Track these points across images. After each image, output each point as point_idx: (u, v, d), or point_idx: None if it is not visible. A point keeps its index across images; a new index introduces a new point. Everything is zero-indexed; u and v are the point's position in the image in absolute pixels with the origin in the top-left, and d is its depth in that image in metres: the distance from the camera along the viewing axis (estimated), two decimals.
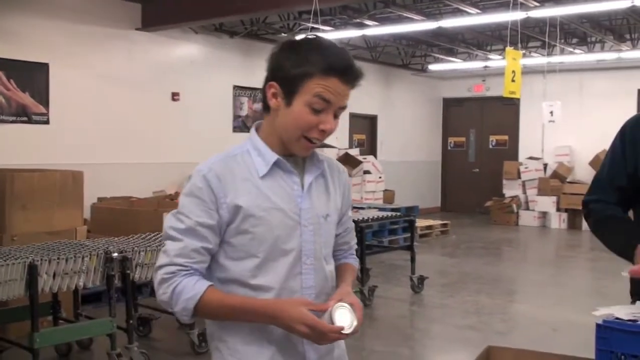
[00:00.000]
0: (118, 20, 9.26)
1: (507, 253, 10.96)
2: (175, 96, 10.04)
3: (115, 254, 4.46)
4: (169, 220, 1.70)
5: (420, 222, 11.20)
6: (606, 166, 2.33)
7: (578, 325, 6.02)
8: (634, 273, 0.93)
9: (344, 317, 1.61)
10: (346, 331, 1.60)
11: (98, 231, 6.63)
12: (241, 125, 11.26)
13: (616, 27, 11.34)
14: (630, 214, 2.33)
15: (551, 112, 9.92)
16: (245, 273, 1.69)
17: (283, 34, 10.91)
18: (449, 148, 16.17)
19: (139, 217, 6.82)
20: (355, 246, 2.04)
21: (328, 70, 1.62)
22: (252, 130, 1.80)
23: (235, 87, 11.12)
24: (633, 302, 2.22)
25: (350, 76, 1.66)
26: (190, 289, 1.63)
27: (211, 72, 10.64)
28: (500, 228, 13.18)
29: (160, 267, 1.68)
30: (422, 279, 7.23)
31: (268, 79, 1.72)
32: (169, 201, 8.06)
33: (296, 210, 1.72)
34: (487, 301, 7.05)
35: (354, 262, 1.99)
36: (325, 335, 1.58)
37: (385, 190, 12.62)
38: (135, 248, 4.63)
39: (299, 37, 1.75)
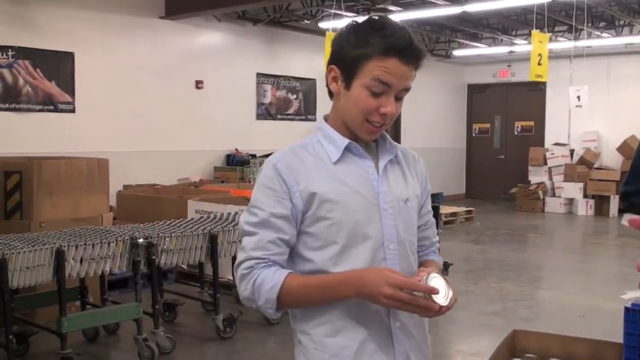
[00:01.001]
0: (142, 8, 9.30)
1: (533, 240, 10.85)
2: (199, 84, 10.07)
3: (141, 240, 4.49)
4: (244, 216, 1.66)
5: (445, 209, 11.14)
6: None
7: (605, 311, 5.97)
8: (632, 222, 0.91)
9: (440, 287, 1.47)
10: (441, 301, 1.46)
11: (124, 218, 6.71)
12: (265, 112, 11.27)
13: None
14: None
15: (578, 97, 9.78)
16: (327, 262, 1.62)
17: (306, 21, 10.88)
18: (474, 134, 16.03)
19: (163, 204, 6.89)
20: (438, 243, 1.95)
21: (387, 50, 1.56)
22: (322, 119, 1.76)
23: (259, 75, 11.12)
24: None
25: (410, 56, 1.59)
26: (270, 279, 1.57)
27: (234, 60, 10.65)
28: (525, 215, 13.07)
29: (239, 263, 1.63)
30: (446, 266, 7.18)
31: (329, 62, 1.67)
32: (194, 188, 8.12)
33: (374, 193, 1.65)
34: (512, 288, 6.99)
35: (437, 259, 1.90)
36: (416, 299, 1.47)
37: None
38: (161, 234, 4.66)
39: (362, 18, 1.69)
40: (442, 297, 1.46)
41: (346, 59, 1.60)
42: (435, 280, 1.48)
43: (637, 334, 1.84)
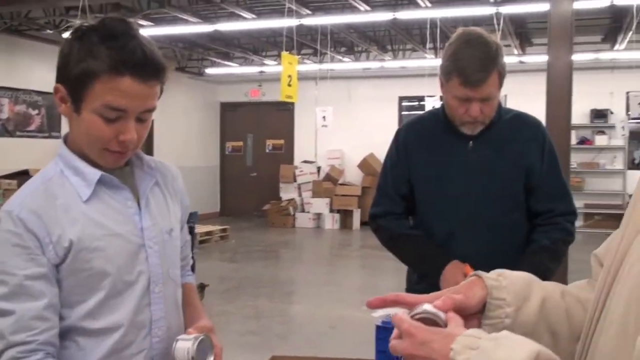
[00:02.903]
0: None
1: (285, 255, 11.22)
2: None
3: None
4: None
5: (200, 228, 11.05)
6: (389, 175, 2.40)
7: (353, 321, 6.31)
8: (371, 305, 0.95)
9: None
10: None
11: None
12: (1, 129, 10.28)
13: (379, 38, 12.13)
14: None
15: (324, 117, 10.35)
16: (84, 318, 1.39)
17: (48, 31, 10.16)
18: (227, 152, 16.20)
19: None
20: (192, 260, 1.82)
21: (116, 67, 1.30)
22: (61, 143, 1.48)
23: None
24: None
25: (146, 72, 1.34)
26: None
27: None
28: (278, 231, 13.47)
29: None
30: (202, 287, 7.09)
31: (56, 79, 1.40)
32: None
33: (136, 231, 1.45)
34: (266, 305, 7.12)
35: (192, 280, 1.78)
36: None
37: None
38: None
39: (94, 21, 1.39)
40: None
41: (70, 76, 1.35)
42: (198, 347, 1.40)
43: (387, 351, 1.91)
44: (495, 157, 2.27)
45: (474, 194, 2.24)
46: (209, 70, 13.94)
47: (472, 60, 2.10)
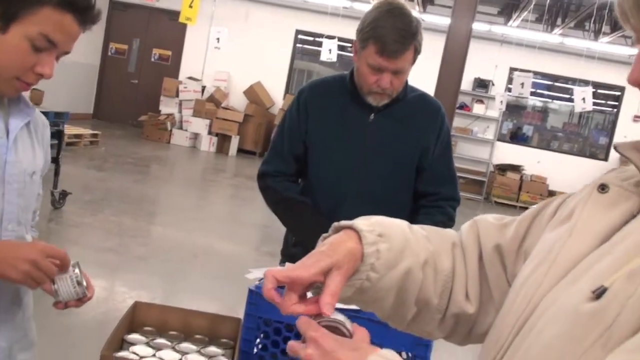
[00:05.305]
0: None
1: (156, 172, 10.94)
2: None
3: None
4: None
5: (69, 129, 10.50)
6: (285, 134, 2.34)
7: (216, 252, 6.30)
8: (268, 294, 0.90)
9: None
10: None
11: None
12: None
13: None
14: None
15: (218, 39, 9.99)
16: None
17: None
18: (110, 54, 15.36)
19: None
20: (37, 217, 1.73)
21: (66, 3, 1.31)
22: None
23: None
24: (282, 262, 2.31)
25: (86, 19, 1.38)
26: None
27: None
28: (152, 144, 13.07)
29: None
30: (64, 195, 6.78)
31: None
32: None
33: (0, 162, 1.39)
34: (130, 222, 6.92)
35: (36, 236, 1.68)
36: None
37: (33, 89, 11.49)
38: None
39: None
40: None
41: None
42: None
43: (257, 315, 1.89)
44: (393, 134, 2.26)
45: (365, 169, 2.24)
46: None
47: (392, 30, 2.06)
